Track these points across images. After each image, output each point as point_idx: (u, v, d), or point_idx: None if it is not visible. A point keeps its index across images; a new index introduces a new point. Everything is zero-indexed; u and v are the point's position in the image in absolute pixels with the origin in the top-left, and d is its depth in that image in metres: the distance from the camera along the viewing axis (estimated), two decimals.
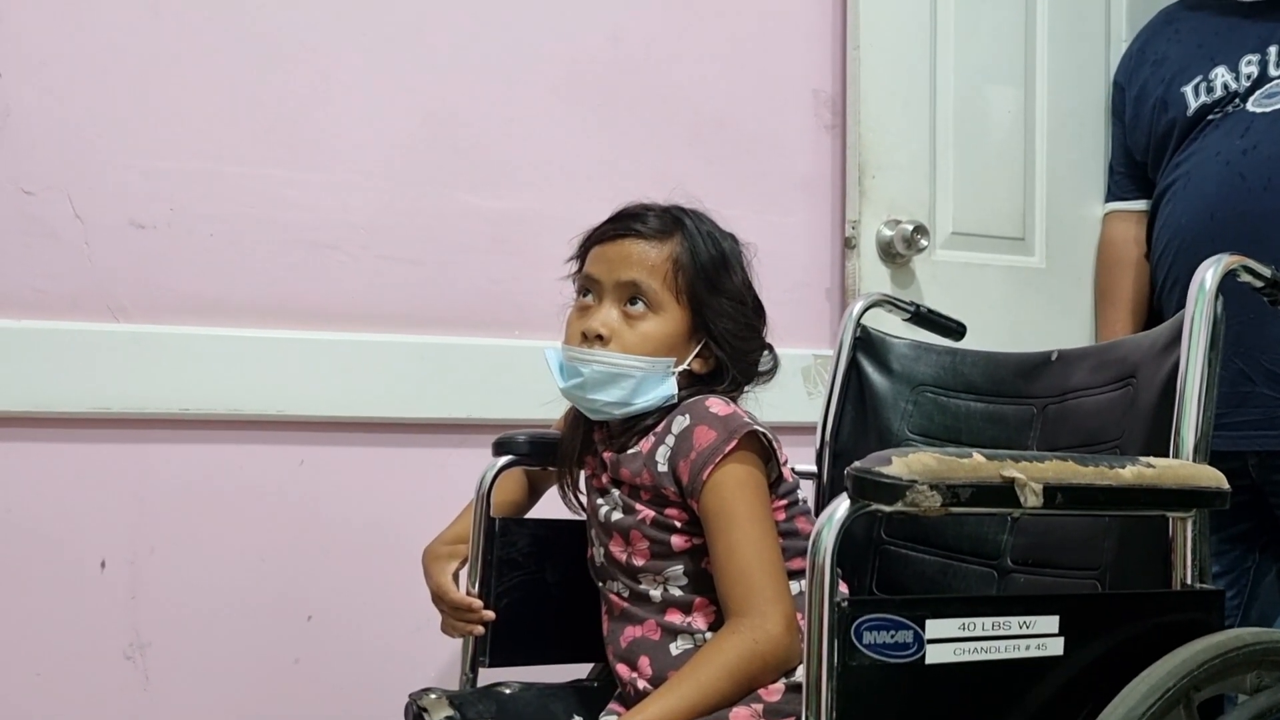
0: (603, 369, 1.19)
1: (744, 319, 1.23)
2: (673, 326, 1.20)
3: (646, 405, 1.20)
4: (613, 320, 1.20)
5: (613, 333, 1.19)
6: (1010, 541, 1.33)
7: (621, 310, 1.20)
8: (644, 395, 1.19)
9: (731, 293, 1.23)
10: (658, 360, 1.19)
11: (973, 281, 2.00)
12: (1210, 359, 1.12)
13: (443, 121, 1.72)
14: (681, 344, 1.21)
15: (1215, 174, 1.78)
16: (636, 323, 1.20)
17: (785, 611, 1.11)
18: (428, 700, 1.22)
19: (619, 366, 1.19)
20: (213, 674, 1.59)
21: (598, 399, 1.20)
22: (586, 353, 1.20)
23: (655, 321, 1.20)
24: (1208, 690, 0.99)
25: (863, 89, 1.92)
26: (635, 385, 1.19)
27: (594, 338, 1.20)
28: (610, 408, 1.20)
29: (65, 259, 1.53)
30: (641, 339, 1.19)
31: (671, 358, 1.20)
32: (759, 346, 1.26)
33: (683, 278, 1.20)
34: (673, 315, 1.20)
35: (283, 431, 1.63)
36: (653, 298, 1.20)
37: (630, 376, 1.18)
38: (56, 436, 1.53)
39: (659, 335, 1.19)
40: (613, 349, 1.19)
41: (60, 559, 1.53)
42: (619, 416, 1.22)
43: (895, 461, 0.86)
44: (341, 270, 1.67)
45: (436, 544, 1.35)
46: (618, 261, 1.21)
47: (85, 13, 1.54)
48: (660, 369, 1.20)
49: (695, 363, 1.22)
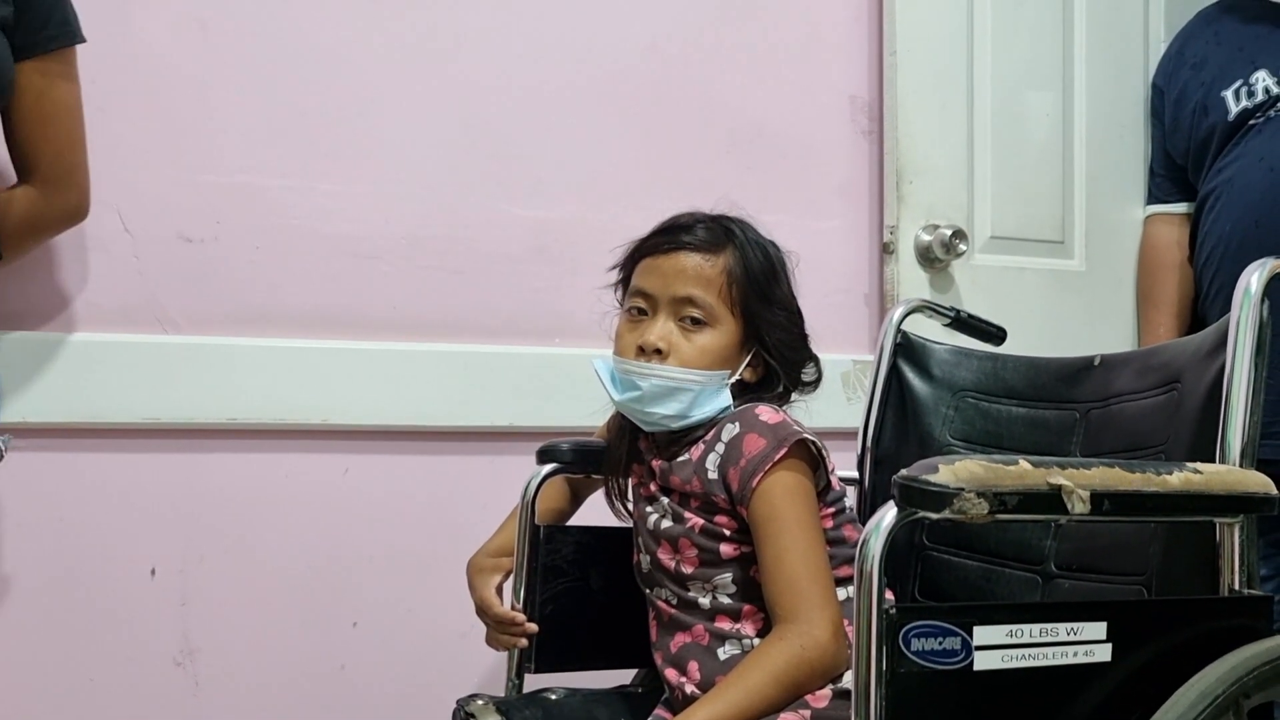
0: (661, 383, 1.20)
1: (795, 328, 1.25)
2: (728, 339, 1.21)
3: (703, 417, 1.21)
4: (670, 334, 1.21)
5: (671, 347, 1.20)
6: (1054, 547, 1.32)
7: (678, 323, 1.21)
8: (701, 407, 1.20)
9: (782, 302, 1.24)
10: (714, 374, 1.21)
11: (1012, 286, 1.99)
12: (1256, 364, 1.12)
13: (483, 132, 1.74)
14: (735, 355, 1.23)
15: (1259, 180, 1.76)
16: (693, 336, 1.20)
17: (833, 618, 1.11)
18: (475, 706, 1.23)
19: (678, 381, 1.19)
20: (261, 680, 1.61)
21: (656, 411, 1.21)
22: (644, 366, 1.20)
23: (711, 335, 1.21)
24: (1258, 697, 0.98)
25: (900, 94, 1.92)
26: (693, 398, 1.20)
27: (652, 351, 1.20)
28: (668, 420, 1.21)
29: (115, 272, 1.56)
30: (699, 353, 1.20)
31: (726, 370, 1.22)
32: (808, 356, 1.27)
33: (736, 290, 1.21)
34: (728, 328, 1.21)
35: (328, 440, 1.65)
36: (709, 312, 1.21)
37: (688, 390, 1.20)
38: (107, 447, 1.56)
39: (715, 348, 1.21)
40: (670, 363, 1.20)
41: (112, 566, 1.56)
42: (676, 428, 1.23)
43: (942, 469, 0.86)
44: (384, 280, 1.68)
45: (480, 556, 1.36)
46: (672, 275, 1.22)
47: (132, 30, 1.57)
48: (717, 381, 1.21)
49: (746, 372, 1.23)
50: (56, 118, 1.42)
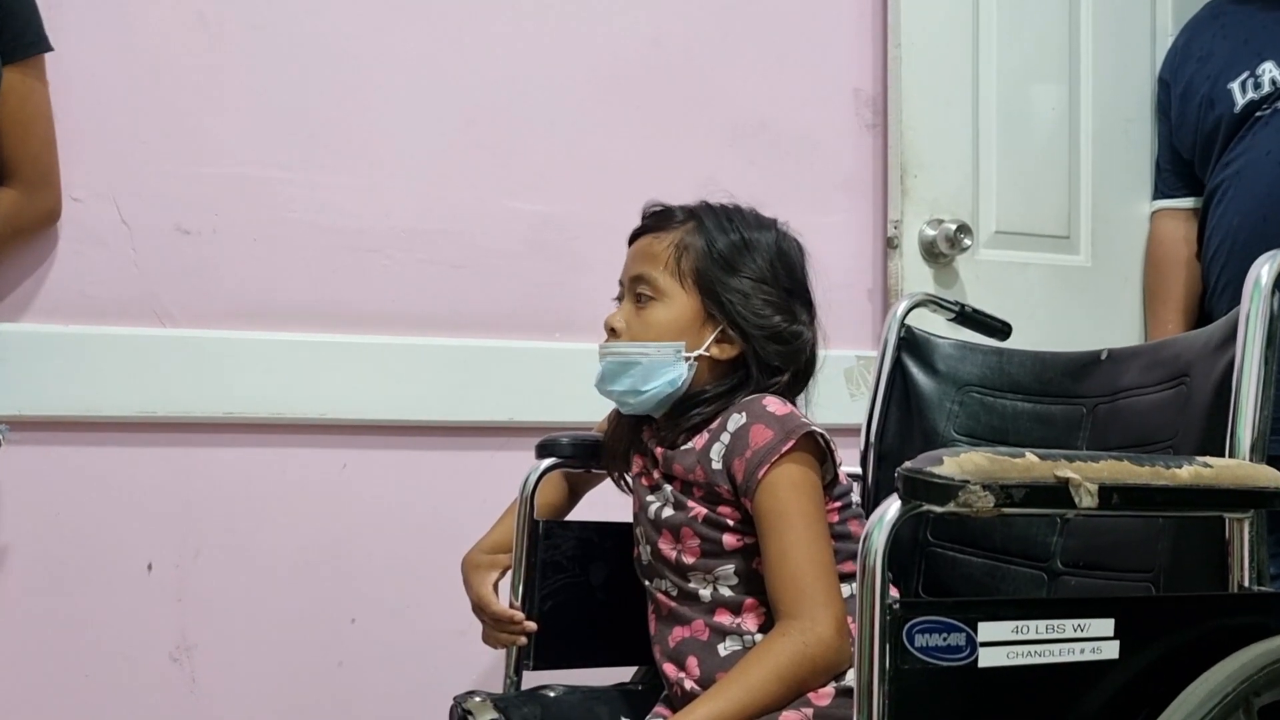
0: (613, 360, 1.23)
1: (761, 296, 1.21)
2: (677, 311, 1.22)
3: (658, 390, 1.21)
4: (628, 314, 1.24)
5: (625, 325, 1.23)
6: (1061, 543, 1.31)
7: (635, 304, 1.24)
8: (653, 381, 1.21)
9: (752, 273, 1.22)
10: (663, 345, 1.21)
11: (1017, 281, 1.97)
12: (1267, 356, 1.10)
13: (483, 126, 1.73)
14: (693, 329, 1.22)
15: (1267, 173, 1.74)
16: (642, 312, 1.23)
17: (836, 615, 1.10)
18: (472, 703, 1.22)
19: (625, 355, 1.22)
20: (258, 676, 1.60)
21: (613, 389, 1.24)
22: (603, 346, 1.25)
23: (659, 308, 1.22)
24: (1268, 695, 0.96)
25: (904, 88, 1.90)
26: (643, 371, 1.21)
27: (609, 332, 1.24)
28: (626, 396, 1.23)
29: (112, 265, 1.55)
30: (645, 326, 1.22)
31: (680, 342, 1.21)
32: (786, 330, 1.22)
33: (686, 261, 1.22)
34: (678, 300, 1.22)
35: (325, 435, 1.64)
36: (655, 285, 1.22)
37: (636, 363, 1.21)
38: (103, 440, 1.55)
39: (663, 321, 1.21)
40: (623, 340, 1.23)
41: (108, 561, 1.55)
42: (638, 407, 1.23)
43: (947, 461, 0.85)
44: (383, 274, 1.67)
45: (475, 553, 1.35)
46: (630, 260, 1.26)
47: (131, 23, 1.56)
48: (667, 353, 1.21)
49: (715, 348, 1.22)
50: (36, 121, 1.45)
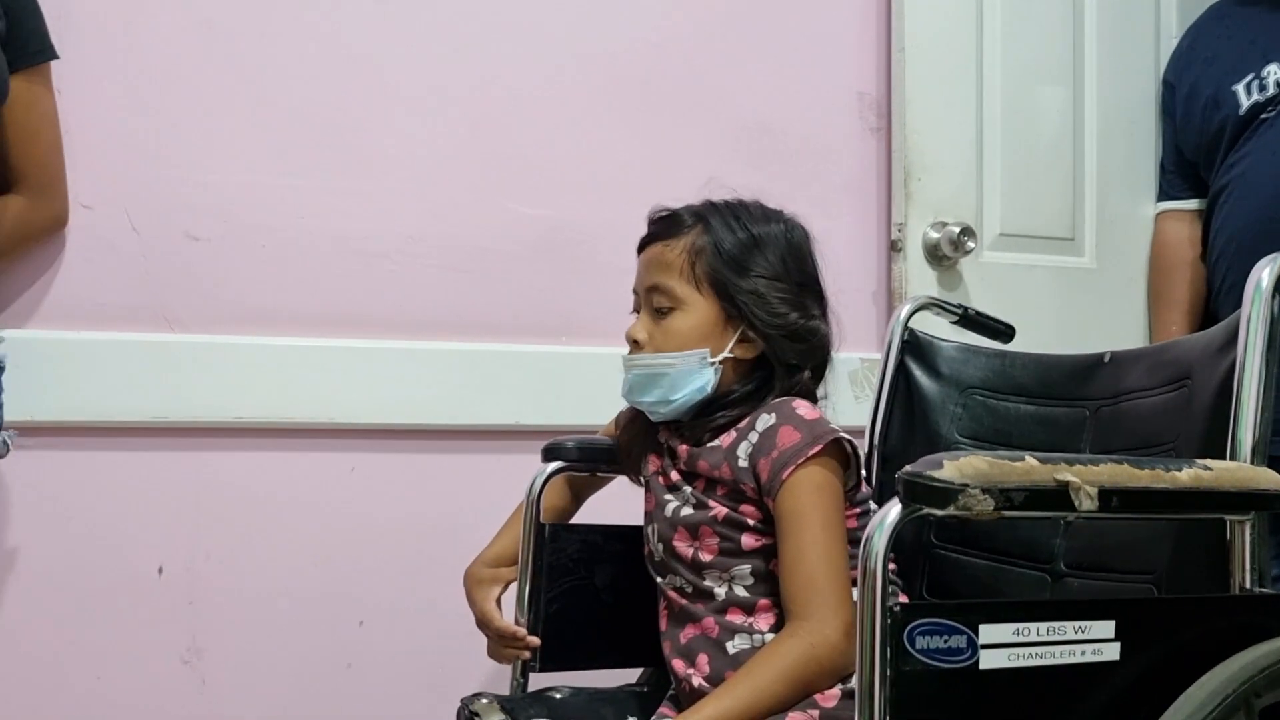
0: (640, 372, 1.24)
1: (777, 295, 1.22)
2: (698, 317, 1.22)
3: (687, 398, 1.22)
4: (648, 325, 1.24)
5: (648, 336, 1.24)
6: (1063, 545, 1.31)
7: (654, 313, 1.24)
8: (682, 390, 1.21)
9: (764, 271, 1.22)
10: (689, 354, 1.21)
11: (1021, 283, 1.98)
12: (1267, 359, 1.10)
13: (490, 130, 1.73)
14: (715, 333, 1.22)
15: (1271, 175, 1.74)
16: (663, 322, 1.23)
17: (846, 618, 1.10)
18: (479, 705, 1.23)
19: (651, 366, 1.22)
20: (267, 678, 1.61)
21: (644, 400, 1.25)
22: (627, 359, 1.25)
23: (679, 317, 1.22)
24: (1269, 696, 0.97)
25: (908, 91, 1.91)
26: (671, 382, 1.21)
27: (632, 344, 1.25)
28: (657, 406, 1.24)
29: (122, 271, 1.56)
30: (667, 336, 1.22)
31: (705, 348, 1.21)
32: (803, 327, 1.22)
33: (700, 266, 1.22)
34: (696, 306, 1.22)
35: (334, 439, 1.65)
36: (672, 294, 1.22)
37: (664, 374, 1.22)
38: (114, 445, 1.56)
39: (685, 329, 1.22)
40: (647, 352, 1.23)
41: (119, 565, 1.56)
42: (668, 415, 1.24)
43: (947, 465, 0.85)
44: (390, 279, 1.68)
45: (478, 566, 1.35)
46: (643, 270, 1.26)
47: (140, 30, 1.57)
48: (693, 361, 1.21)
49: (738, 349, 1.22)
50: (43, 128, 1.46)
